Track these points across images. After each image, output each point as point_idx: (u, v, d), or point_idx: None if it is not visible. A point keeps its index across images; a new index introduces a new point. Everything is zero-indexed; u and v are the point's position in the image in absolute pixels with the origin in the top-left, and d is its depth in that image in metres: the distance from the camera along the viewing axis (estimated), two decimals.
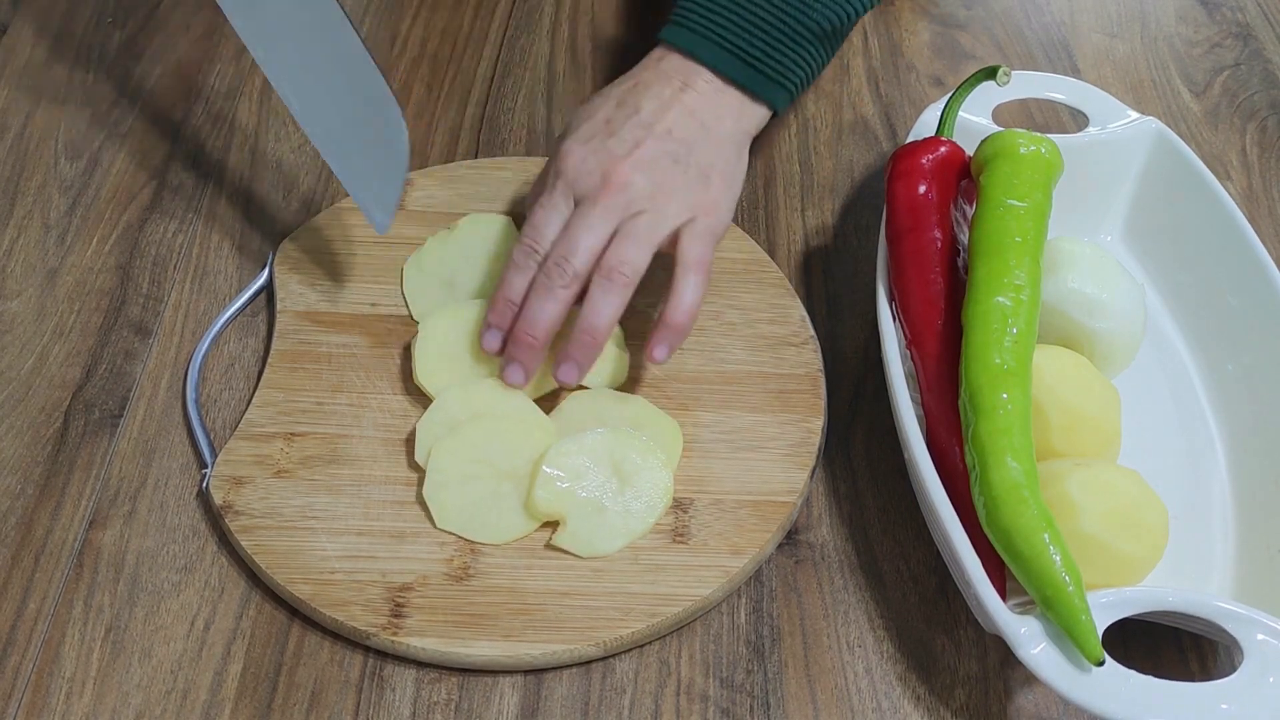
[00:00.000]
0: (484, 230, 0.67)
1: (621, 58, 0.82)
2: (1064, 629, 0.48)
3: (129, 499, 0.58)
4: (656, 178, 0.59)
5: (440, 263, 0.66)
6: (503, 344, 0.60)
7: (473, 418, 0.59)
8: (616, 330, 0.61)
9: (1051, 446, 0.55)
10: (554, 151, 0.62)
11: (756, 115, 0.64)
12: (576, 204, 0.60)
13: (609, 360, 0.61)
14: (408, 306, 0.65)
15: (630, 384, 0.62)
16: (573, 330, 0.58)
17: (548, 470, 0.56)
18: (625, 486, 0.57)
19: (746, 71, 0.63)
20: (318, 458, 0.59)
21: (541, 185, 0.62)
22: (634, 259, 0.58)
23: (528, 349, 0.59)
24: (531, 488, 0.56)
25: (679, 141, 0.61)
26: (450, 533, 0.56)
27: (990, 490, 0.50)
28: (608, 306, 0.58)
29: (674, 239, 0.59)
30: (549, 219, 0.60)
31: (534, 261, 0.59)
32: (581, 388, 0.61)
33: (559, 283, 0.58)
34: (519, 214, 0.69)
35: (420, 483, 0.57)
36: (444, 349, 0.61)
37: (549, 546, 0.56)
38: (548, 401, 0.61)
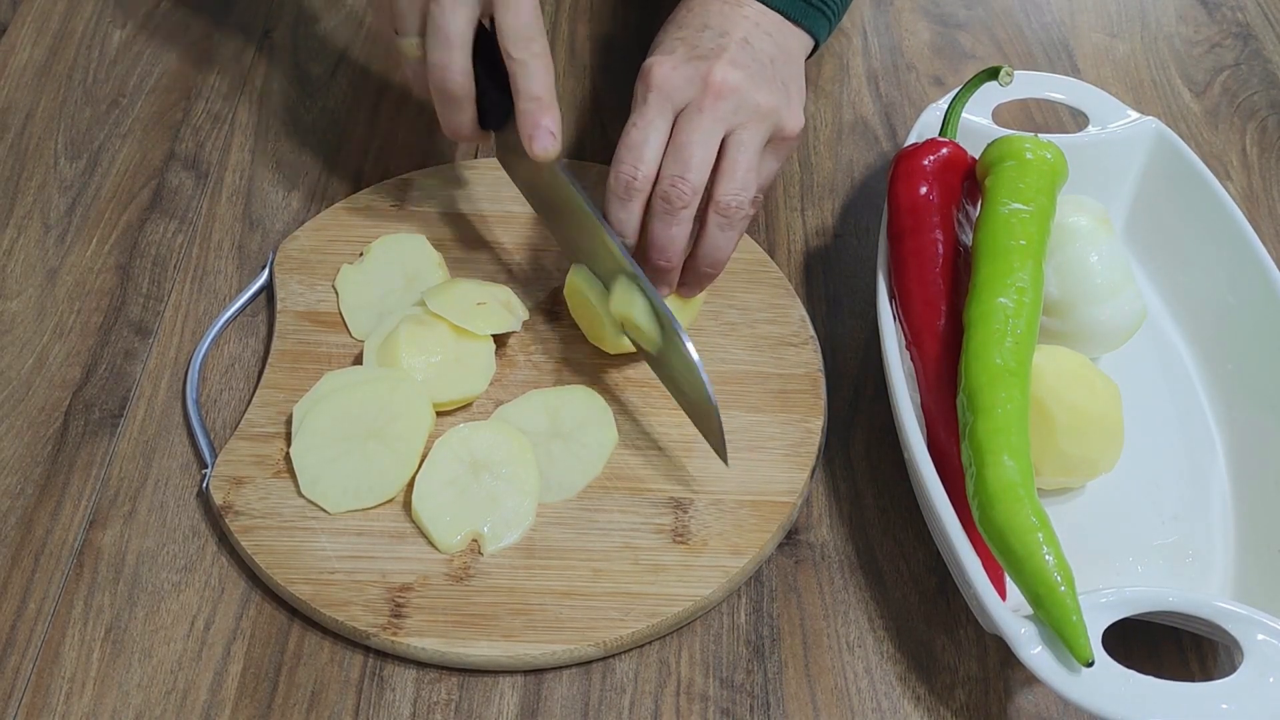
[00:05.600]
0: (397, 251, 0.66)
1: (622, 58, 0.82)
2: (1054, 629, 0.48)
3: (129, 499, 0.58)
4: (752, 77, 0.58)
5: (361, 290, 0.65)
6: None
7: (333, 390, 0.60)
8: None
9: (1058, 447, 0.55)
10: (639, 74, 0.59)
11: (805, 42, 0.64)
12: (677, 117, 0.58)
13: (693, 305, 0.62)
14: (346, 326, 0.64)
15: (624, 384, 0.62)
16: (694, 262, 0.59)
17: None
18: (570, 442, 0.59)
19: None
20: None
21: (631, 107, 0.59)
22: (747, 187, 0.58)
23: (666, 271, 0.58)
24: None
25: (759, 51, 0.60)
26: (314, 502, 0.56)
27: (986, 488, 0.50)
28: (728, 241, 0.58)
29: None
30: (648, 138, 0.57)
31: (637, 190, 0.57)
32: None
33: (679, 205, 0.56)
34: (509, 213, 0.69)
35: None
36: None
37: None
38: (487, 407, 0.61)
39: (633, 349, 0.61)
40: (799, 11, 0.63)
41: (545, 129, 0.58)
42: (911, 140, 0.66)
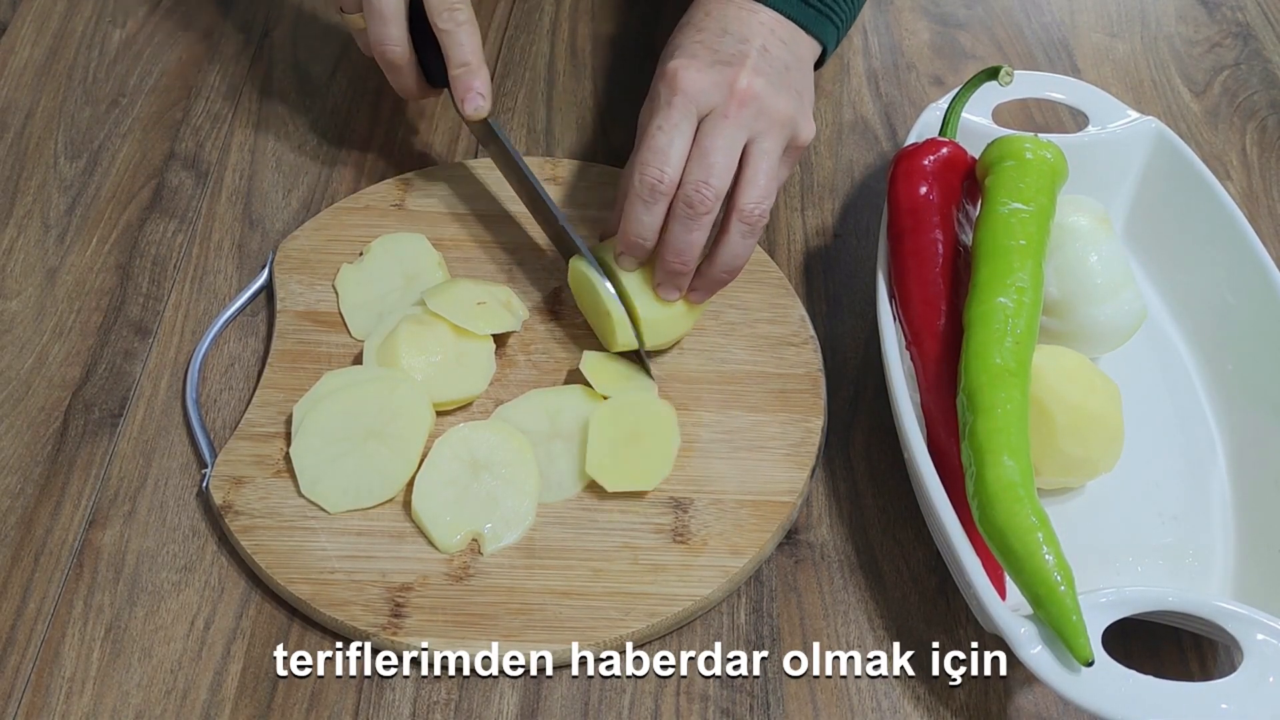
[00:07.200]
0: (396, 250, 0.66)
1: (622, 58, 0.82)
2: (1054, 628, 0.48)
3: (129, 499, 0.58)
4: (772, 85, 0.59)
5: (360, 290, 0.65)
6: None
7: (332, 391, 0.60)
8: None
9: (1058, 447, 0.56)
10: (660, 76, 0.60)
11: (815, 50, 0.64)
12: (701, 121, 0.58)
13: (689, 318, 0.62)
14: (346, 326, 0.64)
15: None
16: (710, 268, 0.60)
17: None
18: (568, 443, 0.59)
19: (799, 6, 0.63)
20: None
21: (653, 109, 0.60)
22: (769, 196, 0.59)
23: (680, 275, 0.59)
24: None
25: (776, 59, 0.60)
26: (315, 502, 0.56)
27: (986, 488, 0.50)
28: (747, 249, 0.59)
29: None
30: (673, 141, 0.58)
31: (662, 193, 0.58)
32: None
33: (701, 210, 0.57)
34: (509, 213, 0.69)
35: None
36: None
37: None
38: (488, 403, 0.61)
39: (634, 347, 0.61)
40: (810, 19, 0.63)
41: (475, 91, 0.64)
42: (911, 140, 0.66)
